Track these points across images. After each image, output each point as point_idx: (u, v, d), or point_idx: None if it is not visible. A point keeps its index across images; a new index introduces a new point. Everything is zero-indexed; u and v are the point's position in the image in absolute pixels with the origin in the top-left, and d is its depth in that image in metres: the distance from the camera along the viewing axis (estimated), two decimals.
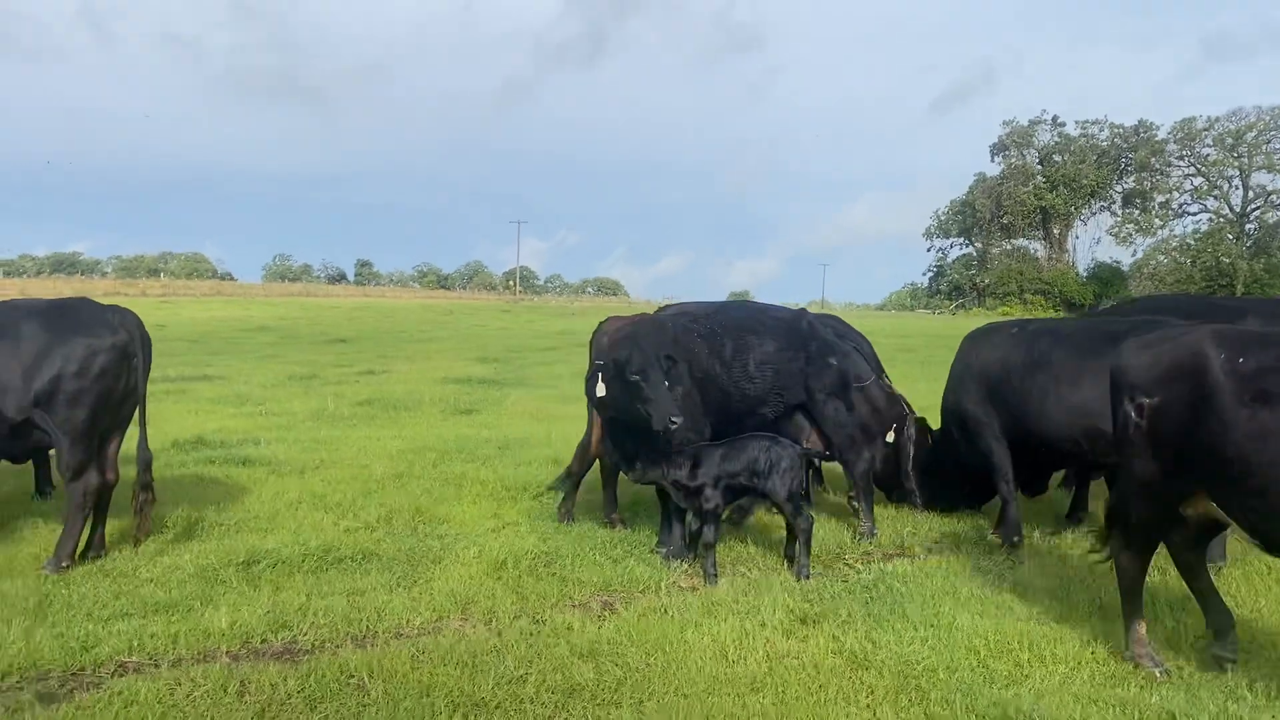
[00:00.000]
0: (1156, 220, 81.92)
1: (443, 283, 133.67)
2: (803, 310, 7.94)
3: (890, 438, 7.80)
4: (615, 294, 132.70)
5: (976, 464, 7.66)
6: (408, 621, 5.81)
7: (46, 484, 8.84)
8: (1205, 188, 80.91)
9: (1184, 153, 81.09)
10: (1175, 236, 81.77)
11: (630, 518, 8.17)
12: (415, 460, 10.74)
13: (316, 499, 8.75)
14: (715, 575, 6.52)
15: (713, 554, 6.57)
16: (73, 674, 5.12)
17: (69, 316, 6.79)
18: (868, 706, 4.65)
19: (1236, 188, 79.81)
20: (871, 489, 7.76)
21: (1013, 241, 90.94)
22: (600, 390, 6.42)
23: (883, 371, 7.89)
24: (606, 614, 5.93)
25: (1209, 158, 79.66)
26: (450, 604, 6.06)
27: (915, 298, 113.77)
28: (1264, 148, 76.54)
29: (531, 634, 5.56)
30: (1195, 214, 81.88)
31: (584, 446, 7.91)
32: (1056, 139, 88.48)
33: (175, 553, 7.08)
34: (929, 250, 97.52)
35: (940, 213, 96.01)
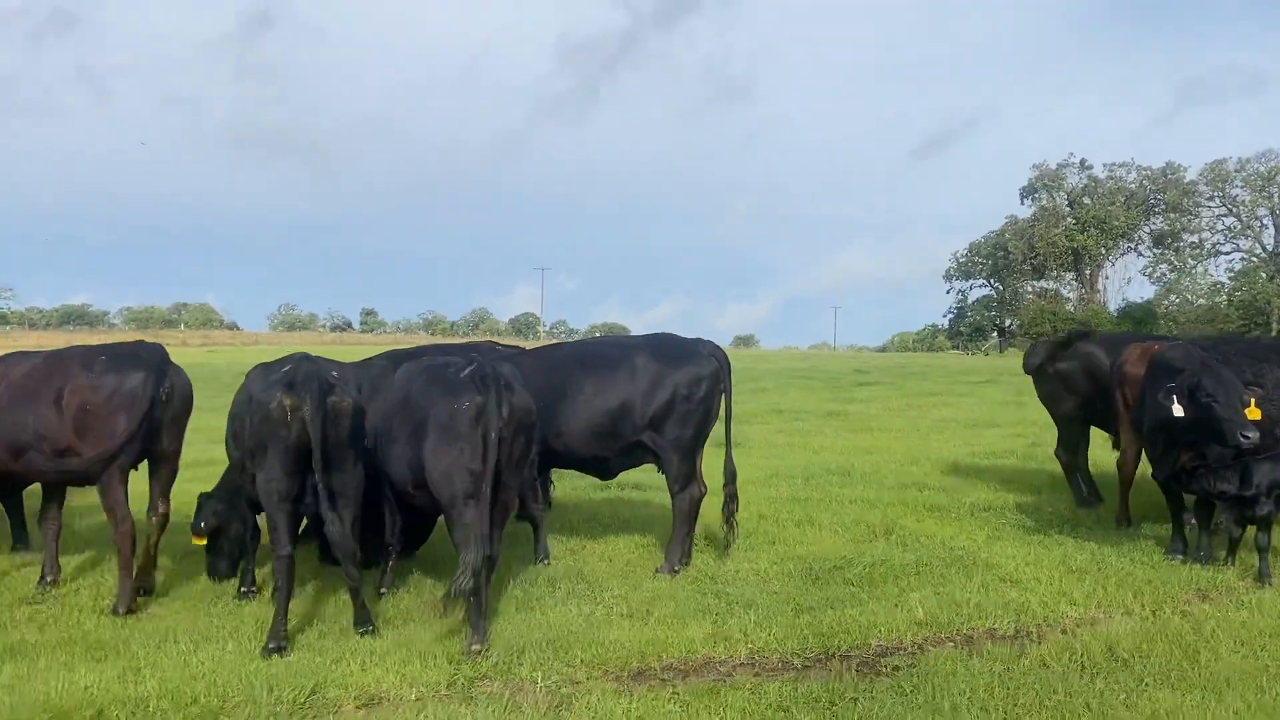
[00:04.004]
0: (1190, 260, 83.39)
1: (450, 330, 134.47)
2: None
3: None
4: None
5: None
6: (1063, 614, 6.51)
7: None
8: (1238, 228, 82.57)
9: (1214, 193, 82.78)
10: (1188, 275, 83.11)
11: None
12: (783, 486, 11.46)
13: (772, 519, 9.45)
14: (1269, 575, 7.22)
15: (1266, 555, 7.29)
16: (819, 659, 5.82)
17: (674, 348, 7.55)
18: None
19: (1267, 227, 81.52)
20: None
21: (1038, 282, 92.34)
22: (1177, 410, 7.15)
23: None
24: (1227, 605, 6.64)
25: (1239, 198, 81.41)
26: (1082, 600, 6.76)
27: (921, 339, 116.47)
28: None
29: (1185, 621, 6.29)
30: (1229, 253, 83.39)
31: (1123, 460, 8.65)
32: (1085, 181, 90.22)
33: (735, 561, 7.80)
34: (949, 292, 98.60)
35: (959, 254, 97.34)
